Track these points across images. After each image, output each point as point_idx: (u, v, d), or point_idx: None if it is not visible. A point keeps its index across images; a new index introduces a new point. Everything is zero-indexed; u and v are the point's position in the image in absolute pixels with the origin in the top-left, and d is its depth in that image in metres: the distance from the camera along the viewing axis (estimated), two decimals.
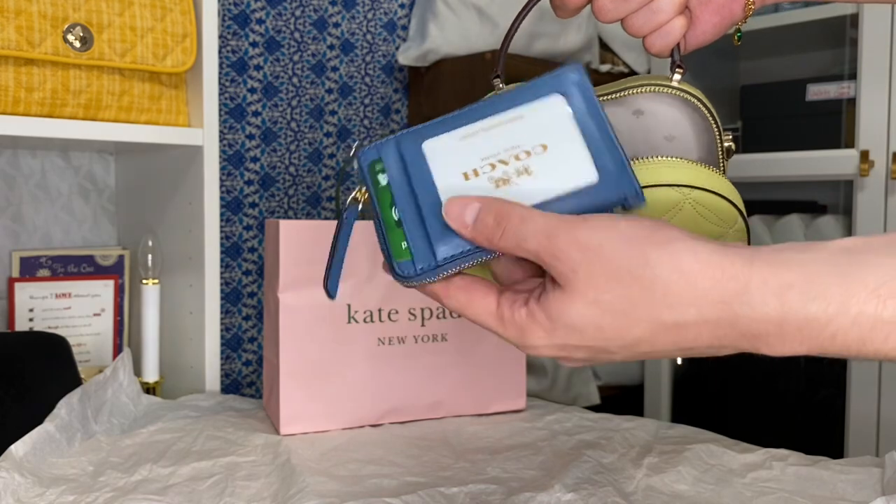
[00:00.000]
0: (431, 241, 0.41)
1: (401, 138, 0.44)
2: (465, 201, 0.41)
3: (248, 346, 1.40)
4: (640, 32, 0.52)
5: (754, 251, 0.36)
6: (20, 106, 0.86)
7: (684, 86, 0.52)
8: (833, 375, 1.47)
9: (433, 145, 0.43)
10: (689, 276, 0.36)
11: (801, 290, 0.34)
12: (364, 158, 0.44)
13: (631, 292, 0.36)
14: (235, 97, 1.38)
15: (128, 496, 0.63)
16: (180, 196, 1.04)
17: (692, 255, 0.36)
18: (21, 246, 1.14)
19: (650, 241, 0.36)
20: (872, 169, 1.36)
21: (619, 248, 0.36)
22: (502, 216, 0.39)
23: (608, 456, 0.74)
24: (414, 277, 0.41)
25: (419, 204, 0.42)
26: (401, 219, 0.42)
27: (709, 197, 0.48)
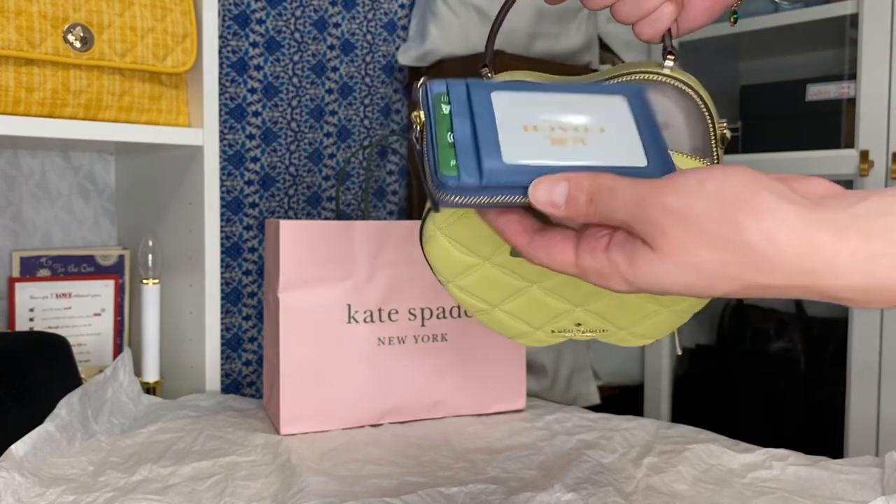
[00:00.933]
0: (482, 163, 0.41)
1: (471, 83, 0.45)
2: (552, 181, 0.41)
3: (248, 346, 1.40)
4: (628, 19, 0.51)
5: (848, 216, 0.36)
6: (20, 106, 0.86)
7: (676, 73, 0.51)
8: (833, 376, 1.47)
9: (501, 96, 0.45)
10: (780, 245, 0.36)
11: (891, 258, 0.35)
12: (432, 88, 0.45)
13: (723, 256, 0.37)
14: (235, 97, 1.38)
15: (128, 496, 0.63)
16: (180, 196, 1.04)
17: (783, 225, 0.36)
18: (21, 246, 1.14)
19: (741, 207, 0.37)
20: (872, 169, 1.36)
21: (709, 212, 0.37)
22: (593, 192, 0.40)
23: (608, 456, 0.74)
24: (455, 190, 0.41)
25: (477, 136, 0.42)
26: (455, 142, 0.42)
27: None
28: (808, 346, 1.58)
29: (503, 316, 0.57)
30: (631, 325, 0.56)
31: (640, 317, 0.55)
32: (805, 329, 1.60)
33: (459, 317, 0.89)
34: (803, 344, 1.59)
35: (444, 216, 0.51)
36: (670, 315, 0.54)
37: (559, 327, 0.57)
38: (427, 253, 0.53)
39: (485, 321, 0.58)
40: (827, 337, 1.57)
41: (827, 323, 1.59)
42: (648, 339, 0.57)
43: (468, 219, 0.51)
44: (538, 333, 0.58)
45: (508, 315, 0.57)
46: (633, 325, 0.56)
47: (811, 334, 1.60)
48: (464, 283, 0.54)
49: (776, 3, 1.54)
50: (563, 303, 0.55)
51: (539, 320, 0.56)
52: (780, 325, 1.64)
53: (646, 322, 0.55)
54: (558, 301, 0.55)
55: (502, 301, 0.55)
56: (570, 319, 0.56)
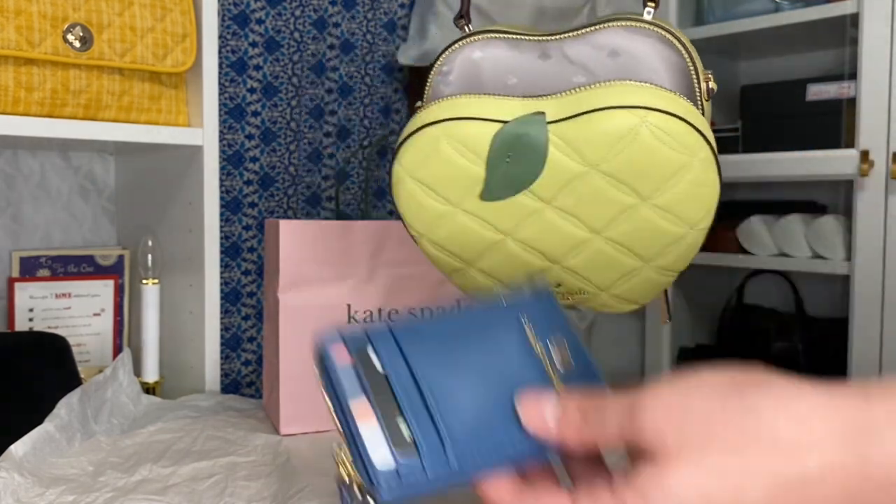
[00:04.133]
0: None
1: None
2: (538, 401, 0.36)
3: (247, 346, 1.40)
4: None
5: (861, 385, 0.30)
6: (20, 106, 0.86)
7: (658, 20, 0.49)
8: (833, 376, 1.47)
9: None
10: (801, 416, 0.30)
11: None
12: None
13: (736, 445, 0.30)
14: (235, 97, 1.38)
15: (128, 496, 0.63)
16: (180, 196, 1.04)
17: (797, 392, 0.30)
18: (21, 246, 1.14)
19: (743, 383, 0.31)
20: (872, 169, 1.36)
21: (710, 398, 0.31)
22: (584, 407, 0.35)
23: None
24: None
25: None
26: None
27: (669, 120, 0.44)
28: (808, 346, 1.58)
29: (478, 275, 0.54)
30: (611, 286, 0.52)
31: (618, 275, 0.51)
32: (805, 329, 1.60)
33: None
34: (803, 344, 1.59)
35: (411, 155, 0.48)
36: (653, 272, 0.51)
37: None
38: (397, 200, 0.51)
39: (460, 283, 0.55)
40: (827, 337, 1.57)
41: (827, 323, 1.59)
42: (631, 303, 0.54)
43: (436, 158, 0.48)
44: None
45: (483, 274, 0.54)
46: (613, 286, 0.52)
47: (811, 334, 1.60)
48: (436, 236, 0.52)
49: (776, 3, 1.54)
50: (540, 259, 0.52)
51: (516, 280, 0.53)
52: (781, 325, 1.64)
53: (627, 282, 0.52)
54: (535, 257, 0.52)
55: (477, 257, 0.53)
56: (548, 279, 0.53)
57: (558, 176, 0.47)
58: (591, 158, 0.46)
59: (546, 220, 0.49)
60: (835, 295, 1.65)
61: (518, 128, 0.46)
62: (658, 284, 0.53)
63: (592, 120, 0.45)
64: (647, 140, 0.44)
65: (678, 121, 0.44)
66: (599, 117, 0.44)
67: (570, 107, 0.46)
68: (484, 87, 0.51)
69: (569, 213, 0.49)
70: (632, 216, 0.48)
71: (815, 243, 1.49)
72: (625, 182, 0.46)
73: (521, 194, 0.48)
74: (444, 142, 0.47)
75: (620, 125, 0.44)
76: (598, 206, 0.47)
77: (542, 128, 0.46)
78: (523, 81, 0.51)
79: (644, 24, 0.48)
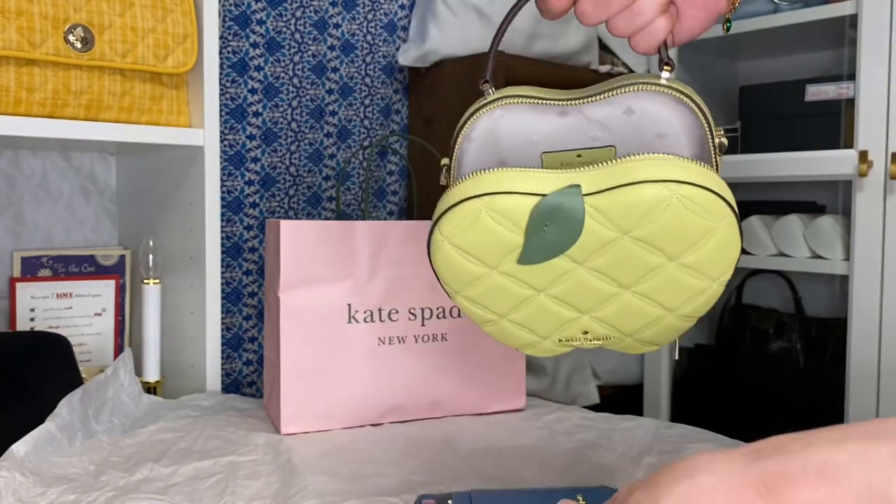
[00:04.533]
0: None
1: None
2: None
3: (248, 346, 1.40)
4: (623, 34, 0.52)
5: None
6: (21, 106, 0.86)
7: (673, 83, 0.52)
8: (832, 375, 1.47)
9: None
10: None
11: None
12: None
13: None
14: (236, 98, 1.38)
15: (129, 495, 0.63)
16: (181, 196, 1.04)
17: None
18: (22, 246, 1.15)
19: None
20: (871, 169, 1.36)
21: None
22: None
23: (607, 455, 0.74)
24: None
25: None
26: None
27: (697, 191, 0.48)
28: (807, 346, 1.59)
29: (510, 326, 0.57)
30: (637, 332, 0.56)
31: (644, 322, 0.55)
32: (804, 329, 1.61)
33: (459, 316, 0.89)
34: (802, 344, 1.59)
35: (452, 225, 0.51)
36: (675, 319, 0.55)
37: (566, 336, 0.57)
38: (434, 263, 0.54)
39: (491, 332, 0.58)
40: (826, 337, 1.57)
41: (826, 323, 1.59)
42: (654, 345, 0.57)
43: (476, 227, 0.51)
44: (545, 343, 0.58)
45: (515, 325, 0.57)
46: (638, 332, 0.56)
47: (810, 334, 1.61)
48: (471, 293, 0.55)
49: (776, 3, 1.55)
50: (570, 310, 0.55)
51: (546, 329, 0.57)
52: (780, 324, 1.64)
53: (651, 328, 0.55)
54: (565, 309, 0.55)
55: (510, 311, 0.56)
56: (577, 327, 0.56)
57: (592, 241, 0.50)
58: (624, 226, 0.49)
59: (578, 278, 0.53)
60: (833, 295, 1.65)
61: (556, 200, 0.50)
62: (679, 329, 0.56)
63: (626, 193, 0.48)
64: (678, 210, 0.48)
65: (706, 192, 0.48)
66: (633, 190, 0.48)
67: (604, 180, 0.49)
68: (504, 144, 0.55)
69: (600, 271, 0.52)
70: (659, 273, 0.52)
71: (814, 243, 1.49)
72: (655, 245, 0.50)
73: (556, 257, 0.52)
74: (485, 214, 0.51)
75: (653, 197, 0.48)
76: (628, 265, 0.51)
77: (579, 199, 0.49)
78: (543, 138, 0.55)
79: (659, 88, 0.52)
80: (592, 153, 0.54)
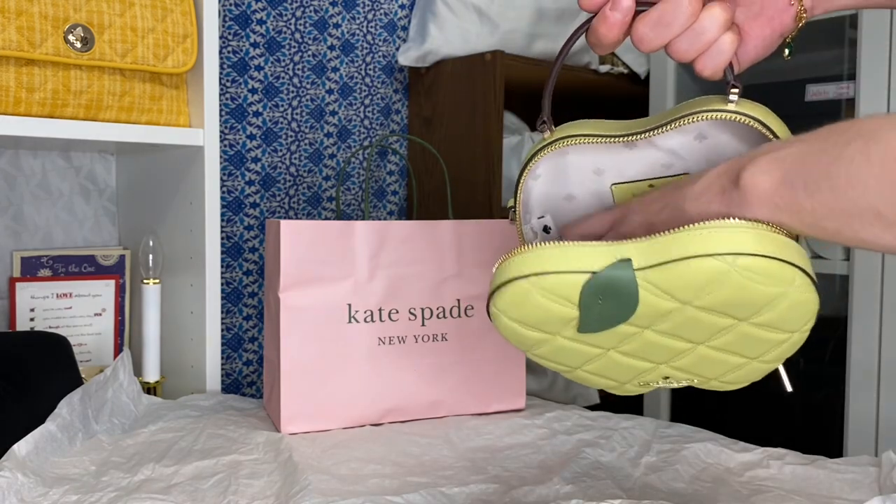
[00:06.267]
0: None
1: None
2: None
3: (248, 346, 1.40)
4: (686, 57, 0.48)
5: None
6: (21, 106, 0.86)
7: (743, 107, 0.49)
8: (832, 375, 1.47)
9: None
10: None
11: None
12: None
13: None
14: (236, 97, 1.38)
15: (131, 495, 0.63)
16: (181, 196, 1.04)
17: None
18: (22, 246, 1.15)
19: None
20: None
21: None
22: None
23: (607, 454, 0.74)
24: None
25: None
26: None
27: (758, 261, 0.43)
28: (807, 346, 1.58)
29: (587, 375, 0.56)
30: (720, 376, 0.54)
31: (726, 369, 0.53)
32: None
33: (459, 317, 0.89)
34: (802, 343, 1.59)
35: (505, 302, 0.50)
36: (759, 364, 0.52)
37: (646, 380, 0.55)
38: (497, 327, 0.53)
39: (570, 378, 0.57)
40: (826, 337, 1.57)
41: (826, 323, 1.59)
42: (743, 383, 0.55)
43: (529, 304, 0.49)
44: (627, 386, 0.57)
45: (592, 374, 0.55)
46: (722, 376, 0.54)
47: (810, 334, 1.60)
48: (539, 352, 0.54)
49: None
50: (644, 363, 0.53)
51: (624, 377, 0.55)
52: None
53: (734, 372, 0.53)
54: (639, 361, 0.53)
55: (582, 364, 0.54)
56: (656, 374, 0.54)
57: (652, 312, 0.48)
58: (683, 298, 0.46)
59: (646, 338, 0.50)
60: (834, 294, 1.66)
61: (606, 276, 0.47)
62: (765, 371, 0.54)
63: (679, 268, 0.45)
64: (738, 281, 0.44)
65: (768, 259, 0.44)
66: (686, 265, 0.44)
67: (656, 254, 0.46)
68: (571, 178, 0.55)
69: (668, 333, 0.50)
70: (732, 331, 0.48)
71: (814, 243, 1.49)
72: (720, 312, 0.47)
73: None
74: (535, 293, 0.48)
75: (710, 271, 0.44)
76: (696, 327, 0.48)
77: (630, 274, 0.46)
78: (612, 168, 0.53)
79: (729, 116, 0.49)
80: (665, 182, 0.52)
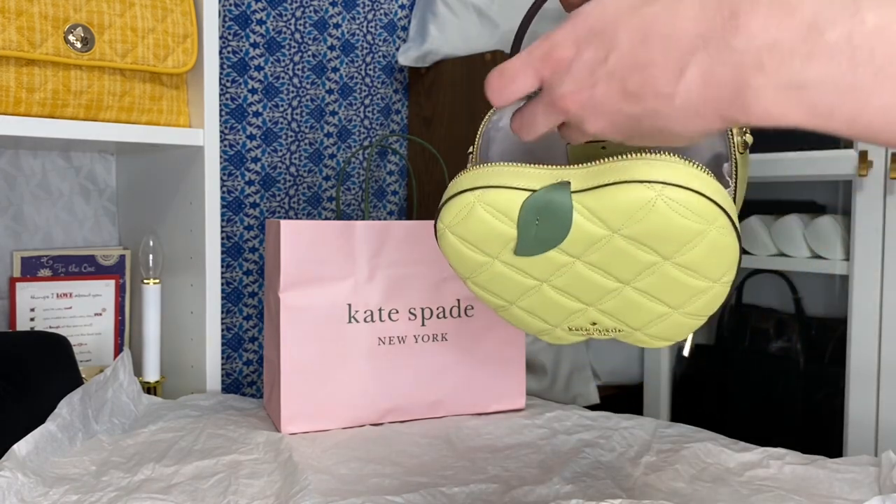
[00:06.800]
0: None
1: None
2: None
3: (248, 346, 1.40)
4: None
5: None
6: (21, 106, 0.86)
7: None
8: (832, 375, 1.47)
9: None
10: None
11: None
12: None
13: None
14: (236, 98, 1.38)
15: (132, 495, 0.63)
16: (181, 196, 1.04)
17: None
18: (22, 246, 1.15)
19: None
20: (871, 170, 1.37)
21: None
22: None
23: (607, 454, 0.74)
24: None
25: None
26: None
27: (684, 194, 0.47)
28: (807, 346, 1.59)
29: (521, 313, 0.59)
30: (644, 326, 0.56)
31: (650, 318, 0.55)
32: (804, 329, 1.61)
33: (459, 317, 0.89)
34: (802, 344, 1.59)
35: (451, 215, 0.53)
36: (682, 317, 0.55)
37: (575, 325, 0.58)
38: (442, 249, 0.56)
39: (505, 317, 0.60)
40: (826, 337, 1.57)
41: (826, 323, 1.59)
42: (666, 340, 0.58)
43: (472, 219, 0.53)
44: (557, 331, 0.59)
45: (526, 312, 0.58)
46: (646, 327, 0.56)
47: (810, 334, 1.61)
48: (479, 279, 0.57)
49: None
50: (575, 302, 0.56)
51: (555, 318, 0.58)
52: (780, 324, 1.64)
53: (659, 324, 0.55)
54: (570, 300, 0.56)
55: (518, 298, 0.57)
56: (584, 318, 0.57)
57: (584, 238, 0.51)
58: (613, 225, 0.49)
59: (577, 271, 0.53)
60: (833, 295, 1.66)
61: (545, 196, 0.50)
62: (689, 326, 0.56)
63: (612, 192, 0.48)
64: (664, 211, 0.47)
65: (694, 194, 0.47)
66: (619, 190, 0.48)
67: (594, 178, 0.49)
68: None
69: (597, 266, 0.53)
70: (656, 271, 0.51)
71: (814, 243, 1.49)
72: (646, 244, 0.50)
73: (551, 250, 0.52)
74: (479, 206, 0.52)
75: (638, 198, 0.48)
76: (622, 262, 0.51)
77: (567, 196, 0.50)
78: None
79: None
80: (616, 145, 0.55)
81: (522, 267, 0.54)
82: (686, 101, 0.38)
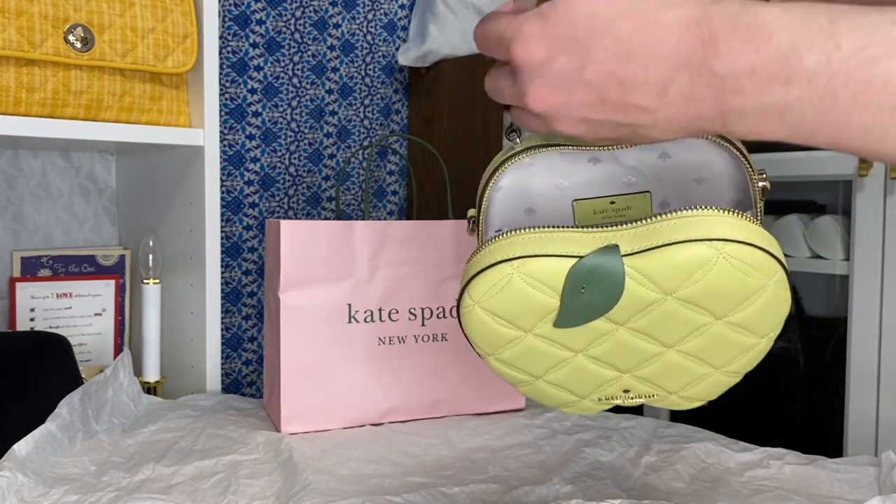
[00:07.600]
0: None
1: None
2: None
3: (248, 346, 1.40)
4: None
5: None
6: (21, 106, 0.86)
7: None
8: (832, 375, 1.47)
9: None
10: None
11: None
12: None
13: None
14: (236, 98, 1.38)
15: (132, 495, 0.63)
16: (181, 196, 1.04)
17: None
18: (22, 246, 1.15)
19: None
20: (871, 170, 1.37)
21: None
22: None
23: (607, 454, 0.74)
24: None
25: None
26: None
27: (744, 249, 0.44)
28: (807, 346, 1.59)
29: (546, 387, 0.54)
30: (681, 389, 0.53)
31: (690, 380, 0.52)
32: (804, 329, 1.61)
33: None
34: (802, 343, 1.59)
35: (483, 289, 0.48)
36: (722, 376, 0.52)
37: (606, 394, 0.54)
38: (464, 326, 0.51)
39: (526, 392, 0.55)
40: (826, 337, 1.57)
41: (826, 323, 1.59)
42: (701, 401, 0.55)
43: (509, 292, 0.48)
44: (584, 402, 0.55)
45: (552, 385, 0.54)
46: (683, 389, 0.53)
47: (810, 334, 1.61)
48: (504, 356, 0.52)
49: None
50: (610, 370, 0.52)
51: (585, 389, 0.54)
52: None
53: (697, 385, 0.53)
54: (605, 369, 0.52)
55: (545, 372, 0.53)
56: (617, 386, 0.54)
57: (634, 303, 0.47)
58: (668, 287, 0.46)
59: (619, 338, 0.49)
60: (833, 294, 1.66)
61: (594, 261, 0.46)
62: (726, 385, 0.53)
63: (668, 252, 0.45)
64: (725, 269, 0.45)
65: (754, 249, 0.45)
66: (676, 250, 0.45)
67: (643, 239, 0.46)
68: (534, 192, 0.53)
69: (643, 332, 0.49)
70: (705, 332, 0.48)
71: (814, 243, 1.50)
72: (701, 305, 0.47)
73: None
74: (518, 278, 0.47)
75: (697, 257, 0.45)
76: (672, 325, 0.48)
77: (618, 260, 0.46)
78: (574, 185, 0.52)
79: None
80: (627, 199, 0.52)
81: (558, 339, 0.50)
82: (668, 116, 0.39)
